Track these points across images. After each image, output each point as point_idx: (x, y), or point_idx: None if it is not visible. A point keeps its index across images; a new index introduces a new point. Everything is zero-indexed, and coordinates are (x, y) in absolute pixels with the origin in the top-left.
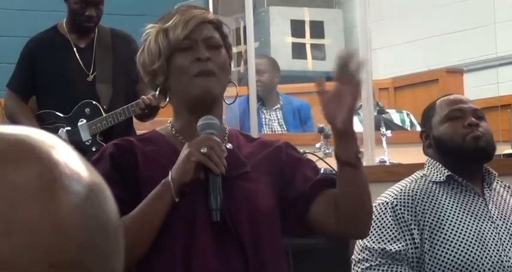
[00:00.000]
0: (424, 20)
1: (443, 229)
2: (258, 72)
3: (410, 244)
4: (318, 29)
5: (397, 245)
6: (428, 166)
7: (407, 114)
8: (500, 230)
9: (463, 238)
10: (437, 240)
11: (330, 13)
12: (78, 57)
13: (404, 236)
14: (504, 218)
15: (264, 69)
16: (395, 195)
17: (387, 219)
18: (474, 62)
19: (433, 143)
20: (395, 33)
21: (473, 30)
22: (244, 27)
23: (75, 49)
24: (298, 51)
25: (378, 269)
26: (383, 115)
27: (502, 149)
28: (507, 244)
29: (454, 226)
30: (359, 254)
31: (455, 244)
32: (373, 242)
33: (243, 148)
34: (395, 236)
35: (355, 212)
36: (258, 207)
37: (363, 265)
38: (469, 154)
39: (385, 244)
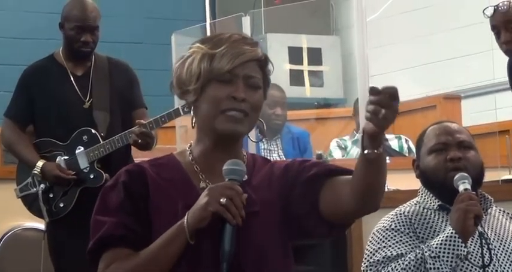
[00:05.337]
0: (421, 47)
1: None
2: (281, 105)
3: (414, 248)
4: (315, 56)
5: (399, 249)
6: (422, 194)
7: (406, 140)
8: (497, 252)
9: None
10: None
11: (327, 40)
12: (75, 84)
13: (406, 241)
14: (501, 240)
15: (284, 103)
16: (392, 218)
17: (387, 239)
18: (472, 88)
19: (420, 174)
20: (393, 59)
21: (471, 56)
22: None
23: (71, 77)
24: (296, 78)
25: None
26: None
27: (500, 175)
28: (505, 265)
29: None
30: None
31: None
32: (376, 257)
33: (254, 178)
34: (396, 243)
35: (376, 188)
36: (264, 247)
37: None
38: (451, 192)
39: (385, 253)
